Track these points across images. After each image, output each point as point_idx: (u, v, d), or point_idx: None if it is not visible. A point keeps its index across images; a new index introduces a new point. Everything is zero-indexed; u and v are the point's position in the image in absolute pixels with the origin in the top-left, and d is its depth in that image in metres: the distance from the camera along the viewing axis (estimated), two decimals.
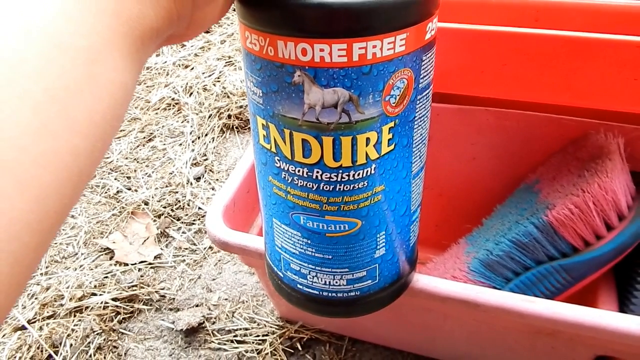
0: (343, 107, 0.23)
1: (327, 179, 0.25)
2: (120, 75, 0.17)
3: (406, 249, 0.31)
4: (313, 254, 0.29)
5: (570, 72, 0.38)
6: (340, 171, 0.25)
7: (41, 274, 0.61)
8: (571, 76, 0.39)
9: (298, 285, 0.31)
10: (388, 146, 0.25)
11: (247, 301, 0.57)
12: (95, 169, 0.17)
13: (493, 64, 0.40)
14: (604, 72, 0.38)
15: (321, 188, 0.26)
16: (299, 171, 0.26)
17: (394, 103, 0.24)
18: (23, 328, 0.55)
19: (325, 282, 0.30)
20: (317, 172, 0.25)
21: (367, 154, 0.25)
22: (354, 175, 0.25)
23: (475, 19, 0.40)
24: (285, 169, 0.26)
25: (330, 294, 0.30)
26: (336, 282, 0.30)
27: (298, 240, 0.29)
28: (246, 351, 0.52)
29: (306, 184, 0.26)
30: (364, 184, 0.26)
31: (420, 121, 0.27)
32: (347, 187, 0.26)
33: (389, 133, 0.25)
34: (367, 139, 0.24)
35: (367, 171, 0.26)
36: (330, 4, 0.20)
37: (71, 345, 0.53)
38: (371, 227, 0.28)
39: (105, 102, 0.16)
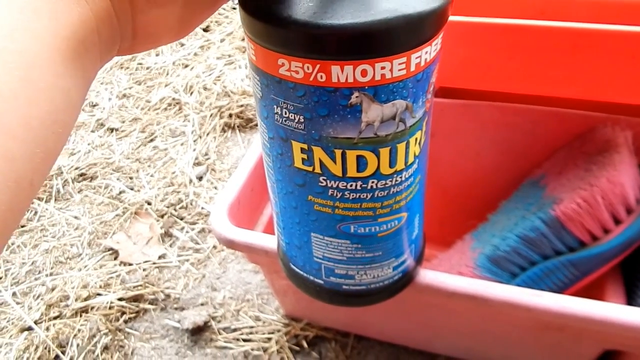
0: (400, 116, 0.23)
1: (382, 186, 0.26)
2: (61, 80, 0.16)
3: (423, 221, 0.33)
4: (363, 255, 0.29)
5: (577, 64, 0.38)
6: (395, 175, 0.25)
7: (46, 274, 0.61)
8: (578, 68, 0.38)
9: (343, 287, 0.31)
10: (423, 139, 0.26)
11: (252, 299, 0.57)
12: (41, 176, 0.16)
13: (499, 57, 0.40)
14: (611, 64, 0.37)
15: (376, 195, 0.26)
16: (351, 186, 0.25)
17: (429, 98, 0.25)
18: (30, 329, 0.55)
19: (374, 275, 0.30)
20: (373, 182, 0.25)
21: (414, 152, 0.26)
22: (404, 176, 0.26)
23: (481, 11, 0.40)
24: (334, 186, 0.25)
25: (377, 285, 0.31)
26: (384, 273, 0.30)
27: (346, 247, 0.28)
28: (252, 349, 0.52)
29: (359, 196, 0.26)
30: (410, 180, 0.27)
31: None
32: (399, 188, 0.26)
33: (425, 127, 0.26)
34: (416, 139, 0.25)
35: (414, 167, 0.26)
36: (393, 22, 0.20)
37: (78, 345, 0.53)
38: (412, 214, 0.29)
39: (44, 107, 0.15)
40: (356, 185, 0.25)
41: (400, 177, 0.26)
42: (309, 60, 0.21)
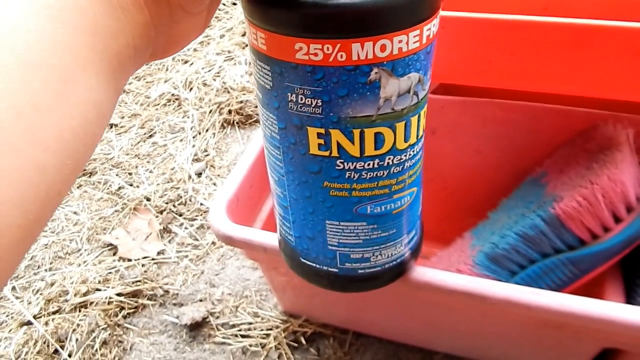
0: (414, 89, 0.24)
1: (398, 161, 0.26)
2: (94, 94, 0.16)
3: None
4: (379, 235, 0.29)
5: (579, 61, 0.38)
6: (409, 149, 0.26)
7: (45, 269, 0.61)
8: (580, 65, 0.38)
9: (359, 271, 0.31)
10: (426, 113, 0.27)
11: (250, 296, 0.57)
12: (68, 186, 0.17)
13: (501, 53, 0.40)
14: (614, 61, 0.37)
15: (392, 172, 0.26)
16: (368, 165, 0.26)
17: (430, 72, 0.25)
18: (29, 323, 0.55)
19: (389, 255, 0.30)
20: (389, 158, 0.26)
21: (423, 125, 0.27)
22: (416, 149, 0.27)
23: (483, 7, 0.40)
24: (352, 167, 0.26)
25: (391, 264, 0.31)
26: (397, 251, 0.31)
27: (363, 229, 0.29)
28: (250, 345, 0.52)
29: (376, 174, 0.26)
30: (420, 153, 0.28)
31: None
32: (412, 162, 0.27)
33: (427, 100, 0.26)
34: (424, 112, 0.26)
35: (422, 140, 0.27)
36: None
37: (77, 340, 0.53)
38: (419, 190, 0.30)
39: (77, 120, 0.16)
40: (374, 164, 0.26)
41: (413, 151, 0.26)
42: (329, 41, 0.21)
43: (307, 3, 0.21)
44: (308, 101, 0.24)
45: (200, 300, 0.57)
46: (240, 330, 0.53)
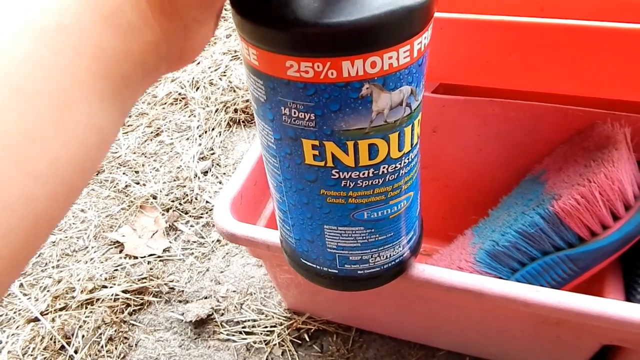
0: (407, 101, 0.24)
1: (393, 170, 0.26)
2: (95, 119, 0.16)
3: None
4: (377, 238, 0.30)
5: (577, 61, 0.38)
6: (403, 157, 0.26)
7: (53, 267, 0.62)
8: (578, 66, 0.38)
9: (358, 272, 0.31)
10: (420, 118, 0.27)
11: (255, 293, 0.57)
12: (62, 212, 0.16)
13: (498, 54, 0.40)
14: (611, 61, 0.37)
15: (387, 180, 0.27)
16: (363, 174, 0.26)
17: (423, 82, 0.26)
18: (36, 320, 0.56)
19: (387, 256, 0.31)
20: (384, 167, 0.26)
21: (417, 133, 0.27)
22: (411, 157, 0.27)
23: (480, 8, 0.40)
24: (347, 177, 0.26)
25: (390, 264, 0.32)
26: (396, 252, 0.31)
27: (360, 234, 0.29)
28: (254, 342, 0.52)
29: (371, 182, 0.27)
30: (415, 160, 0.28)
31: None
32: (407, 169, 0.27)
33: (421, 108, 0.27)
34: (418, 120, 0.26)
35: (417, 147, 0.28)
36: (398, 13, 0.21)
37: (83, 336, 0.54)
38: (416, 193, 0.30)
39: (73, 148, 0.15)
40: (368, 173, 0.26)
41: (408, 159, 0.27)
42: (320, 59, 0.21)
43: (297, 22, 0.21)
44: (301, 115, 0.24)
45: (205, 298, 0.58)
46: (244, 327, 0.54)
